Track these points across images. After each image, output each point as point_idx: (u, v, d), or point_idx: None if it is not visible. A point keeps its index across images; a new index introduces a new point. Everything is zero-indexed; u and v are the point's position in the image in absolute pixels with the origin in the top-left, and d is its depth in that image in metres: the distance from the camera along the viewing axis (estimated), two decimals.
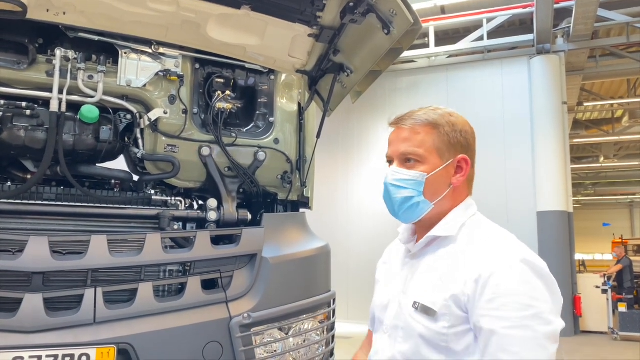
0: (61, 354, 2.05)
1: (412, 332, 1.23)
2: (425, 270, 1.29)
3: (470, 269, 1.18)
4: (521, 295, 1.12)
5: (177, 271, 2.45)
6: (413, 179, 1.29)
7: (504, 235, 1.25)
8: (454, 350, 1.18)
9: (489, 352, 1.12)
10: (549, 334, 1.10)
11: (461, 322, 1.17)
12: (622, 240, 18.15)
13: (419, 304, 1.23)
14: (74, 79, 2.36)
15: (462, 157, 1.31)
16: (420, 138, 1.30)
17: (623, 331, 9.70)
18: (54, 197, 2.43)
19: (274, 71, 2.85)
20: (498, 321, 1.11)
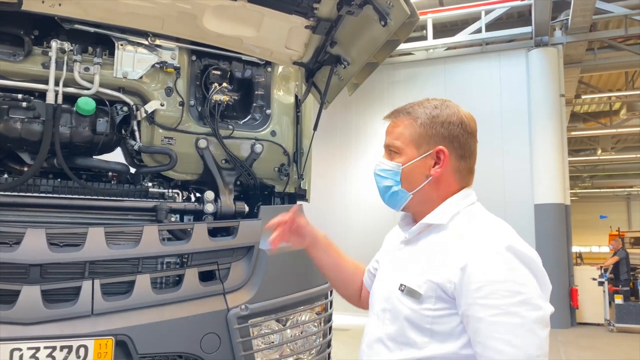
0: (59, 345, 2.05)
1: (399, 314, 1.26)
2: (415, 255, 1.32)
3: (458, 256, 1.20)
4: (508, 282, 1.13)
5: (175, 263, 2.46)
6: (390, 169, 1.36)
7: (494, 223, 1.27)
8: (438, 332, 1.20)
9: (478, 341, 1.14)
10: (538, 319, 1.12)
11: (446, 306, 1.20)
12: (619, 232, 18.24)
13: (405, 287, 1.26)
14: (70, 70, 2.35)
15: (439, 148, 1.32)
16: (399, 131, 1.36)
17: (619, 323, 9.77)
18: (50, 189, 2.43)
19: (271, 63, 2.84)
20: (486, 309, 1.13)
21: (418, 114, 1.35)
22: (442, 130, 1.33)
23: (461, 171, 1.36)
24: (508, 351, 1.10)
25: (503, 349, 1.10)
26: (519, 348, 1.09)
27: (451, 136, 1.33)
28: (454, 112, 1.36)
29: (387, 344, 1.28)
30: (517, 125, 10.90)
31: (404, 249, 1.40)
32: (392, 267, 1.39)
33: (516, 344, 1.10)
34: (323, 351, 2.62)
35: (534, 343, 1.10)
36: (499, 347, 1.10)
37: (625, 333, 9.59)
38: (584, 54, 11.89)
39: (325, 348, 2.64)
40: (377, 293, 1.42)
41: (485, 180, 10.02)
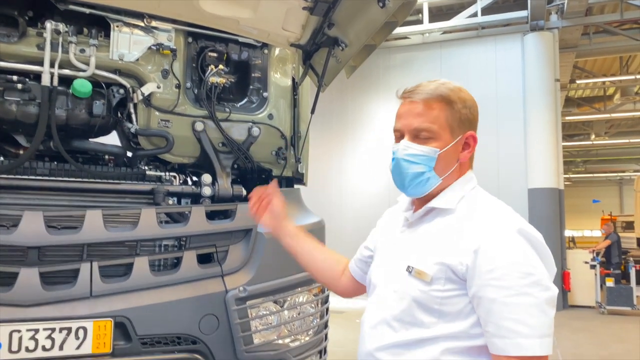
0: (58, 327, 2.06)
1: (405, 294, 1.27)
2: (422, 237, 1.33)
3: (470, 239, 1.21)
4: (520, 264, 1.15)
5: (173, 246, 2.46)
6: (425, 155, 1.30)
7: (501, 207, 1.29)
8: (446, 312, 1.22)
9: (491, 321, 1.16)
10: (548, 299, 1.15)
11: (455, 287, 1.21)
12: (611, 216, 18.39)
13: (412, 268, 1.26)
14: (65, 52, 2.33)
15: (471, 133, 1.34)
16: (434, 114, 1.30)
17: (610, 305, 9.89)
18: (47, 172, 2.42)
19: (268, 45, 2.82)
20: (500, 290, 1.14)
21: (451, 97, 1.32)
22: (469, 114, 1.34)
23: (473, 155, 1.39)
24: (522, 331, 1.12)
25: (517, 328, 1.12)
26: (533, 327, 1.12)
27: (475, 120, 1.36)
28: (471, 96, 1.37)
29: (392, 325, 1.29)
30: (511, 109, 10.91)
31: (406, 231, 1.40)
32: (396, 250, 1.39)
33: (530, 324, 1.12)
34: (320, 332, 2.64)
35: (546, 323, 1.14)
36: (513, 327, 1.12)
37: (615, 315, 9.72)
38: (580, 38, 11.86)
39: (323, 329, 2.67)
40: (379, 276, 1.42)
41: (480, 164, 9.93)
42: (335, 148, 12.32)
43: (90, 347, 2.10)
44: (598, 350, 6.93)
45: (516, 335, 1.12)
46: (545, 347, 1.12)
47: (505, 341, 1.13)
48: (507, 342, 1.13)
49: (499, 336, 1.14)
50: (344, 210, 12.03)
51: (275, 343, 2.42)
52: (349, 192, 12.11)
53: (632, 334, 8.01)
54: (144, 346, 2.19)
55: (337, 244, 10.48)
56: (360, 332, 1.44)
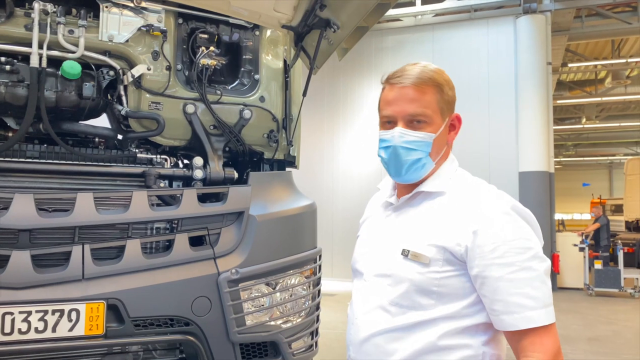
0: (51, 309, 2.07)
1: (402, 278, 1.27)
2: (413, 221, 1.33)
3: (466, 220, 1.23)
4: (518, 239, 1.19)
5: (164, 228, 2.46)
6: (422, 140, 1.30)
7: (488, 186, 1.32)
8: (444, 294, 1.23)
9: (499, 299, 1.18)
10: (546, 269, 1.21)
11: (453, 269, 1.23)
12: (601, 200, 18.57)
13: (408, 251, 1.27)
14: (54, 33, 2.29)
15: (456, 115, 1.36)
16: (427, 98, 1.30)
17: (598, 287, 10.05)
18: (37, 154, 2.40)
19: (259, 27, 2.79)
20: (504, 268, 1.17)
21: (439, 80, 1.32)
22: (453, 96, 1.36)
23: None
24: (528, 303, 1.16)
25: (523, 302, 1.16)
26: (537, 299, 1.16)
27: (455, 101, 1.37)
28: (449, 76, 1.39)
29: (389, 310, 1.29)
30: (503, 93, 10.93)
31: (392, 216, 1.40)
32: (383, 235, 1.39)
33: (534, 296, 1.16)
34: (312, 314, 2.67)
35: (547, 292, 1.19)
36: (519, 301, 1.16)
37: (603, 297, 9.89)
38: (572, 21, 11.86)
39: (314, 310, 2.69)
40: (366, 263, 1.41)
41: (471, 147, 10.10)
42: (326, 130, 12.29)
43: (83, 329, 2.11)
44: (586, 331, 7.05)
45: (524, 309, 1.15)
46: (550, 316, 1.17)
47: (515, 316, 1.16)
48: (517, 317, 1.16)
49: (508, 313, 1.17)
50: (335, 192, 12.05)
51: (268, 324, 2.44)
52: (340, 174, 12.12)
53: (619, 315, 8.15)
54: (137, 328, 2.21)
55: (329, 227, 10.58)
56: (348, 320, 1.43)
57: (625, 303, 9.32)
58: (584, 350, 5.99)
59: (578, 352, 5.93)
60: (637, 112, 20.61)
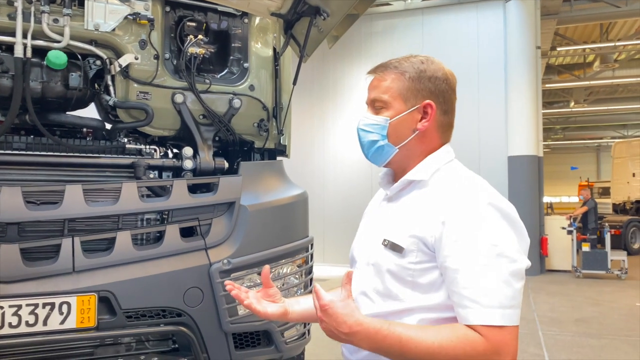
0: (41, 302, 2.06)
1: (381, 267, 1.29)
2: (397, 211, 1.34)
3: (439, 211, 1.22)
4: (486, 235, 1.16)
5: (155, 220, 2.45)
6: (377, 123, 1.35)
7: (473, 180, 1.29)
8: (420, 284, 1.23)
9: (455, 291, 1.17)
10: (514, 271, 1.15)
11: (427, 260, 1.23)
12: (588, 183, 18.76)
13: (388, 241, 1.29)
14: (38, 22, 2.25)
15: (427, 102, 1.33)
16: (386, 84, 1.35)
17: (585, 269, 10.19)
18: (24, 146, 2.36)
19: (248, 14, 2.75)
20: (463, 261, 1.16)
21: (405, 68, 1.35)
22: (430, 85, 1.34)
23: (444, 126, 1.38)
24: (482, 300, 1.13)
25: (478, 298, 1.13)
26: (493, 298, 1.13)
27: (437, 91, 1.35)
28: (439, 67, 1.37)
29: (371, 297, 1.32)
30: (493, 77, 10.93)
31: (385, 205, 1.42)
32: (375, 224, 1.42)
33: (491, 294, 1.13)
34: None
35: (508, 294, 1.14)
36: (473, 296, 1.14)
37: (590, 279, 10.03)
38: (561, 5, 11.85)
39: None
40: (359, 249, 1.45)
41: (461, 132, 10.08)
42: (316, 117, 12.25)
43: (74, 322, 2.10)
44: (573, 312, 7.16)
45: (476, 304, 1.13)
46: (507, 318, 1.13)
47: (467, 310, 1.14)
48: (469, 311, 1.14)
49: (461, 306, 1.16)
50: (326, 177, 12.06)
51: None
52: (331, 160, 12.11)
53: (605, 297, 8.28)
54: (129, 320, 2.20)
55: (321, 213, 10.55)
56: None
57: (612, 284, 9.47)
58: (572, 332, 6.09)
59: (566, 333, 6.03)
60: (624, 95, 20.76)
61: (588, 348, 5.45)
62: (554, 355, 5.17)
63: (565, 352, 5.29)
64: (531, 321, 6.55)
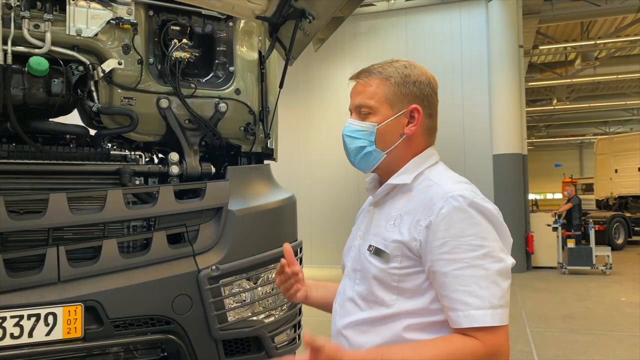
0: (26, 313, 2.03)
1: (367, 273, 1.29)
2: (383, 216, 1.34)
3: (421, 215, 1.22)
4: (470, 236, 1.16)
5: (142, 227, 2.42)
6: (364, 130, 1.34)
7: (454, 181, 1.29)
8: (405, 289, 1.23)
9: (444, 294, 1.17)
10: (500, 270, 1.16)
11: (412, 265, 1.23)
12: (572, 179, 18.98)
13: (373, 247, 1.29)
14: (19, 28, 2.20)
15: (414, 106, 1.33)
16: (371, 90, 1.34)
17: (571, 265, 10.30)
18: (5, 154, 2.31)
19: (233, 17, 2.73)
20: (450, 264, 1.16)
21: (390, 73, 1.35)
22: (415, 89, 1.34)
23: (429, 130, 1.38)
24: (472, 302, 1.13)
25: (468, 300, 1.14)
26: (483, 299, 1.13)
27: (422, 95, 1.35)
28: (422, 72, 1.38)
29: (357, 303, 1.32)
30: (476, 77, 11.01)
31: (372, 211, 1.42)
32: (362, 229, 1.42)
33: (480, 295, 1.13)
34: (294, 307, 2.66)
35: (497, 294, 1.15)
36: (463, 298, 1.14)
37: (576, 275, 10.14)
38: (542, 4, 11.98)
39: (297, 303, 2.68)
40: (349, 255, 1.45)
41: (446, 131, 10.16)
42: (301, 118, 12.23)
43: (61, 333, 2.07)
44: (560, 308, 7.23)
45: (467, 307, 1.13)
46: (497, 318, 1.14)
47: (458, 314, 1.14)
48: (460, 315, 1.14)
49: (452, 310, 1.16)
50: (313, 179, 12.05)
51: (250, 320, 2.43)
52: (317, 162, 12.10)
53: (591, 292, 8.38)
54: (117, 329, 2.18)
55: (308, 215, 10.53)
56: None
57: (597, 280, 9.58)
58: (559, 328, 6.15)
59: (553, 329, 6.08)
60: (606, 92, 21.04)
61: (576, 344, 5.51)
62: (542, 352, 5.21)
63: (553, 348, 5.34)
64: (519, 318, 6.60)
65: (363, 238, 1.38)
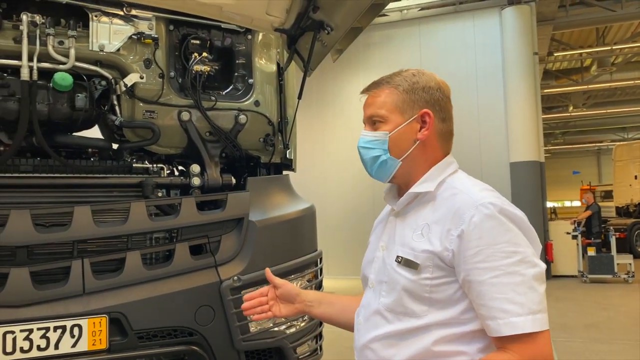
0: (52, 325, 2.04)
1: (396, 285, 1.28)
2: (407, 226, 1.33)
3: (452, 224, 1.22)
4: (504, 243, 1.16)
5: (164, 238, 2.44)
6: (377, 139, 1.36)
7: (480, 188, 1.28)
8: (436, 300, 1.22)
9: (482, 304, 1.16)
10: (536, 275, 1.16)
11: (444, 275, 1.22)
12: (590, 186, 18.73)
13: (401, 258, 1.27)
14: (44, 45, 2.25)
15: (424, 111, 1.34)
16: (381, 100, 1.36)
17: (592, 274, 10.13)
18: (31, 168, 2.35)
19: (251, 31, 2.76)
20: (486, 272, 1.15)
21: (398, 82, 1.37)
22: (424, 95, 1.35)
23: (444, 134, 1.38)
24: (512, 309, 1.13)
25: (507, 307, 1.13)
26: (522, 305, 1.13)
27: (432, 100, 1.36)
28: (431, 78, 1.39)
29: (385, 315, 1.30)
30: (491, 85, 10.96)
31: (393, 221, 1.41)
32: (385, 239, 1.40)
33: (519, 301, 1.13)
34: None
35: (535, 299, 1.14)
36: (502, 306, 1.13)
37: (597, 283, 9.98)
38: (557, 10, 11.91)
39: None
40: (370, 267, 1.43)
41: (461, 140, 10.08)
42: (315, 129, 12.26)
43: (86, 345, 2.09)
44: (582, 318, 7.11)
45: (507, 314, 1.13)
46: (537, 323, 1.13)
47: (498, 322, 1.14)
48: (500, 323, 1.13)
49: (491, 318, 1.15)
50: (327, 189, 12.04)
51: (272, 330, 2.43)
52: (332, 172, 12.11)
53: (613, 301, 8.23)
54: (141, 340, 2.19)
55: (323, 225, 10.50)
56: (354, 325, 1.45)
57: (619, 288, 9.42)
58: (582, 338, 6.04)
59: (575, 339, 5.98)
60: (623, 98, 20.80)
61: (599, 353, 5.41)
62: None
63: (576, 358, 5.25)
64: None
65: (387, 249, 1.37)
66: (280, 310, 1.56)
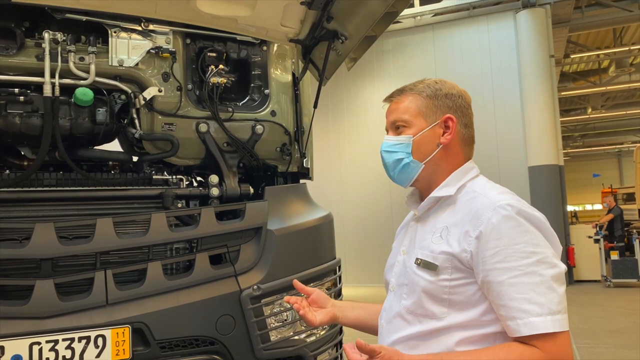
0: (77, 336, 2.08)
1: (416, 287, 1.29)
2: (427, 229, 1.35)
3: (470, 226, 1.23)
4: (522, 244, 1.17)
5: (184, 248, 2.47)
6: (401, 142, 1.38)
7: (499, 191, 1.30)
8: (456, 301, 1.24)
9: (501, 304, 1.17)
10: (555, 275, 1.17)
11: (463, 276, 1.23)
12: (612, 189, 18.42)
13: (421, 260, 1.30)
14: (65, 61, 2.31)
15: (448, 116, 1.37)
16: (404, 105, 1.40)
17: (616, 278, 9.96)
18: (54, 182, 2.41)
19: (266, 42, 2.80)
20: (505, 272, 1.16)
21: (421, 88, 1.41)
22: (447, 101, 1.39)
23: (466, 140, 1.41)
24: (531, 309, 1.13)
25: (526, 307, 1.13)
26: (541, 305, 1.13)
27: (455, 106, 1.39)
28: (453, 86, 1.43)
29: (406, 318, 1.32)
30: (508, 88, 10.90)
31: (414, 225, 1.43)
32: (406, 244, 1.43)
33: (538, 302, 1.13)
34: (335, 325, 2.66)
35: (554, 299, 1.14)
36: (522, 306, 1.14)
37: (621, 288, 9.80)
38: (572, 12, 11.82)
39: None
40: (392, 271, 1.46)
41: (479, 145, 9.99)
42: (332, 136, 12.30)
43: (110, 355, 2.11)
44: (607, 323, 6.99)
45: (526, 314, 1.13)
46: (557, 324, 1.13)
47: (518, 322, 1.14)
48: (519, 323, 1.14)
49: (510, 318, 1.15)
50: (345, 197, 12.05)
51: (292, 339, 2.44)
52: (348, 179, 12.12)
53: (638, 305, 8.07)
54: (163, 350, 2.21)
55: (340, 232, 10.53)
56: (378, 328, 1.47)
57: None
58: (607, 344, 5.93)
59: (601, 345, 5.87)
60: None
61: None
62: None
63: None
64: None
65: (407, 253, 1.39)
66: (315, 318, 1.51)
